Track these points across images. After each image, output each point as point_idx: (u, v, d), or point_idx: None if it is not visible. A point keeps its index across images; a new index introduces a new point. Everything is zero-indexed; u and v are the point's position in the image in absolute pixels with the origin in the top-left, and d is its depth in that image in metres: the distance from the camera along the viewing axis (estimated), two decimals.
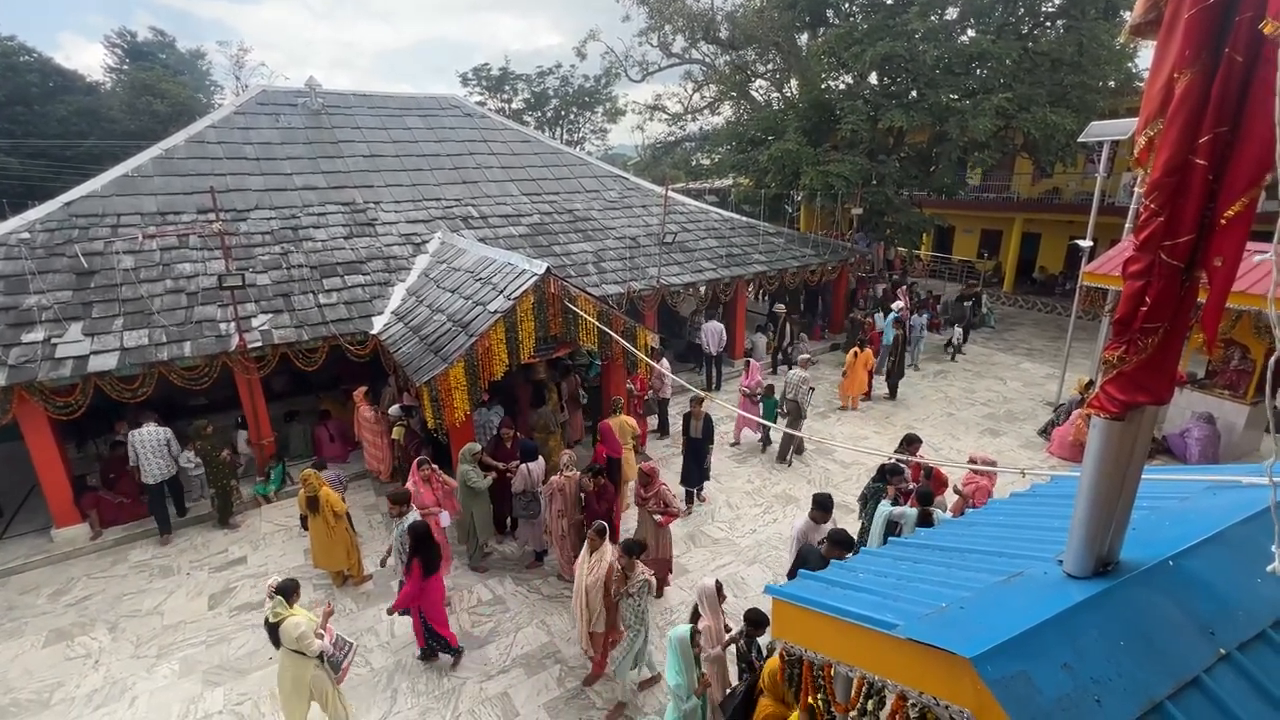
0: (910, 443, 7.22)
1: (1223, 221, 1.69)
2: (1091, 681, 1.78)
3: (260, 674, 6.03)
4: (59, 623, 6.78)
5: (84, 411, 7.73)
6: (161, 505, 8.19)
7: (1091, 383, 10.71)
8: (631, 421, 8.27)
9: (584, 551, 5.55)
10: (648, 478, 6.67)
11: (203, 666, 6.13)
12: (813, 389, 10.39)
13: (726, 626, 4.99)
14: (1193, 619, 2.02)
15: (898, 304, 13.29)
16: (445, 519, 7.02)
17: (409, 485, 6.78)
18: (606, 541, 5.53)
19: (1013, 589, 2.20)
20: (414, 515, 6.05)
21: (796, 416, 10.02)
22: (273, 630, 4.79)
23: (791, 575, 5.78)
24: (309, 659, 4.84)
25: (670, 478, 9.47)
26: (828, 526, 5.89)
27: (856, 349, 11.85)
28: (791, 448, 10.05)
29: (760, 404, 10.16)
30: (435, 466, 7.12)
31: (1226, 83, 1.58)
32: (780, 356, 14.05)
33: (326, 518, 6.82)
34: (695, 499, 8.70)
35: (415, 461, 7.03)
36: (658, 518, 6.60)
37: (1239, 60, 1.55)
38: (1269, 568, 1.79)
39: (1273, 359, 1.48)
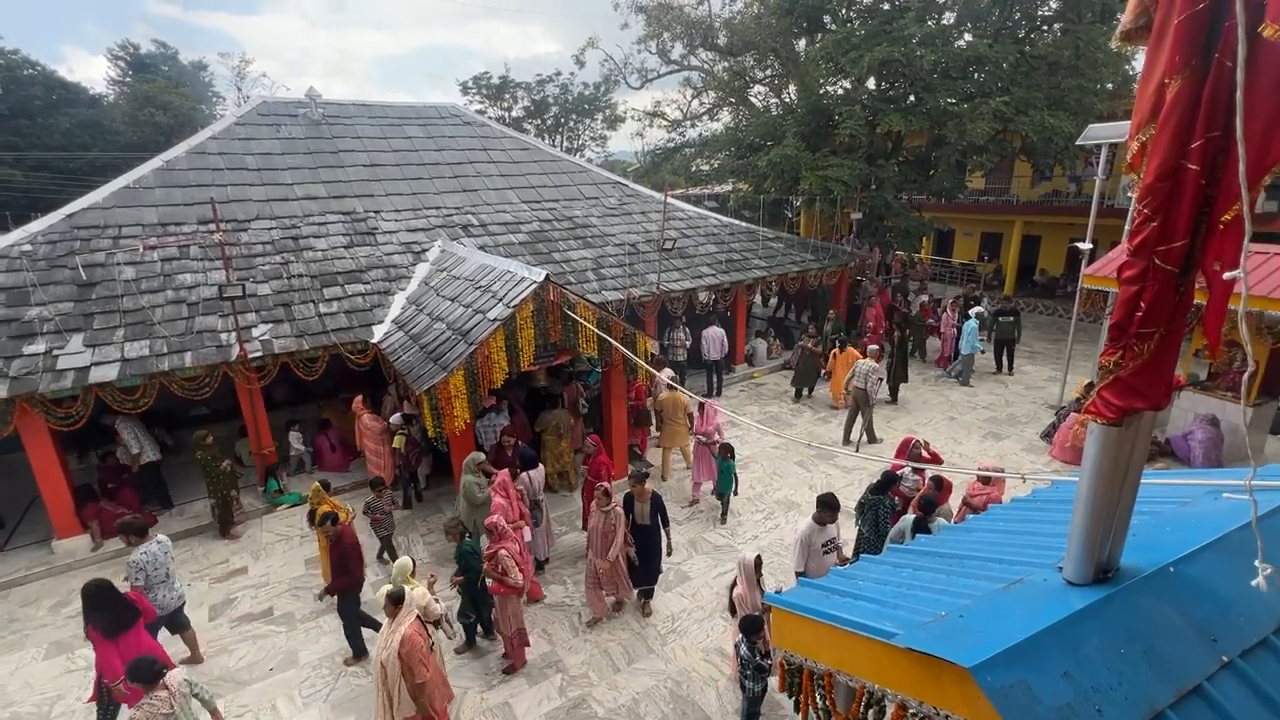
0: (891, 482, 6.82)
1: (1220, 225, 1.69)
2: (1092, 690, 1.77)
3: (261, 685, 6.01)
4: (60, 635, 6.76)
5: (85, 423, 7.74)
6: (161, 482, 8.98)
7: (1093, 384, 10.68)
8: (684, 399, 9.20)
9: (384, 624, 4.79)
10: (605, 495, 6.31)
11: (203, 679, 6.10)
12: (881, 379, 10.89)
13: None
14: (1194, 626, 2.00)
15: (977, 309, 13.41)
16: (526, 534, 6.57)
17: (495, 499, 6.43)
18: (407, 604, 4.72)
19: (1012, 596, 2.19)
20: (140, 550, 5.75)
21: (865, 404, 10.57)
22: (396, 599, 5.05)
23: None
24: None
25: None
26: (833, 528, 5.89)
27: (836, 350, 12.09)
28: (864, 434, 10.67)
29: (716, 461, 8.47)
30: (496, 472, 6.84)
31: (1217, 88, 1.58)
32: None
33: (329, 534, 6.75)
34: (643, 607, 6.83)
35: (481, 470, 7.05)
36: (513, 573, 5.63)
37: (1229, 65, 1.55)
38: (1253, 582, 1.77)
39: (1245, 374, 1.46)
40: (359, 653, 6.19)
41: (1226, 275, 1.64)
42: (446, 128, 15.19)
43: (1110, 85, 16.09)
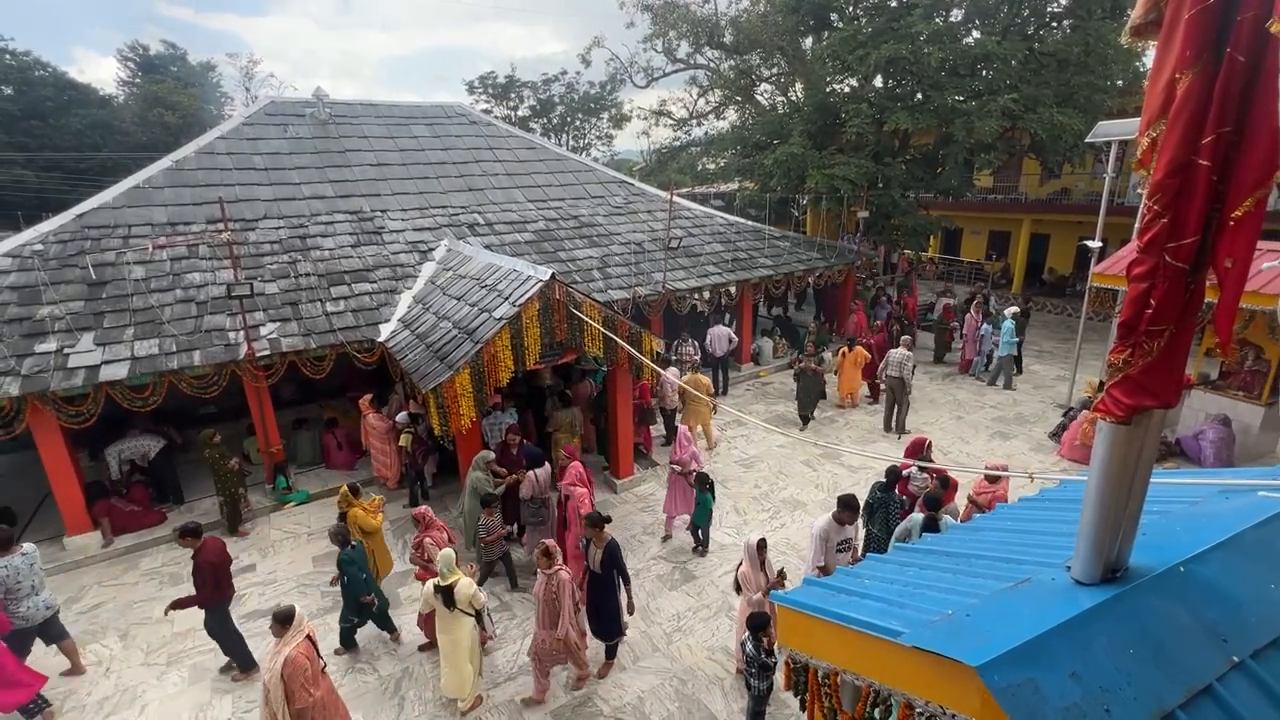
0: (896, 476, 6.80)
1: (1231, 221, 1.67)
2: (1100, 690, 1.75)
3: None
4: (71, 630, 6.79)
5: (95, 420, 7.81)
6: (175, 478, 9.27)
7: (1103, 383, 10.60)
8: (706, 380, 10.17)
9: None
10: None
11: (212, 674, 6.16)
12: (915, 366, 11.24)
13: (781, 574, 5.68)
14: (1205, 626, 1.98)
15: (1011, 309, 13.37)
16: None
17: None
18: (295, 624, 4.64)
19: (1020, 596, 2.17)
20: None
21: (901, 391, 10.89)
22: (447, 593, 5.21)
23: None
24: (471, 618, 5.31)
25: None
26: (851, 528, 5.94)
27: (845, 349, 12.00)
28: (903, 420, 11.14)
29: (694, 492, 7.72)
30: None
31: (1229, 83, 1.56)
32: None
33: (355, 534, 6.77)
34: (602, 670, 6.04)
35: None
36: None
37: (1241, 60, 1.53)
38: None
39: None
40: (245, 665, 6.11)
41: (1265, 266, 1.62)
42: (453, 127, 15.23)
43: (1120, 82, 15.96)
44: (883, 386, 11.39)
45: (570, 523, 6.90)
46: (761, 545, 5.58)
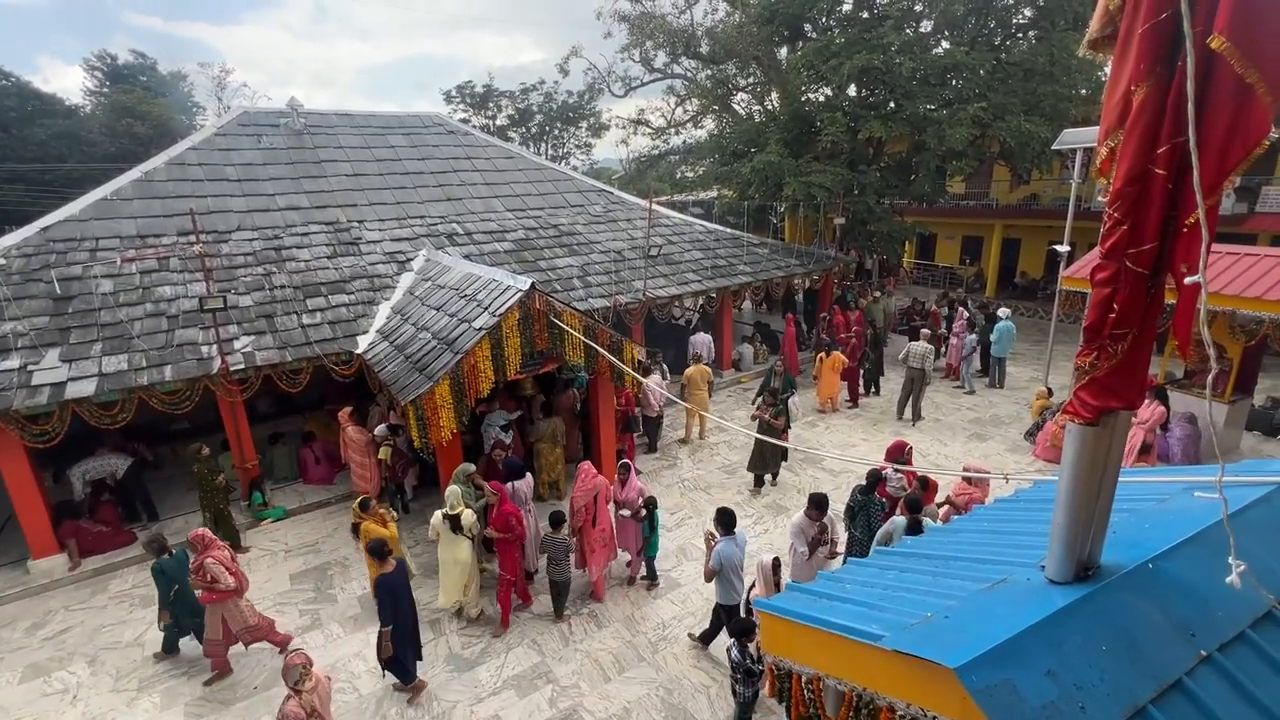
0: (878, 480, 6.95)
1: (1184, 228, 1.73)
2: (1075, 688, 1.79)
3: (245, 704, 5.90)
4: (36, 657, 6.59)
5: (61, 439, 7.58)
6: (147, 496, 9.14)
7: (1050, 391, 11.10)
8: (706, 369, 10.95)
9: None
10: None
11: (185, 699, 5.98)
12: (935, 357, 11.89)
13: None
14: (1174, 621, 2.03)
15: (1004, 310, 13.80)
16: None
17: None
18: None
19: (996, 596, 2.21)
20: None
21: (921, 382, 11.59)
22: (454, 520, 6.43)
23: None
24: (469, 541, 6.54)
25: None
26: (826, 523, 6.15)
27: (823, 354, 12.17)
28: (919, 408, 11.78)
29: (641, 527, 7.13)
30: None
31: (1181, 95, 1.62)
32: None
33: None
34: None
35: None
36: (223, 579, 5.89)
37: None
38: (1227, 580, 1.81)
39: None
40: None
41: (1187, 280, 1.68)
42: (430, 136, 15.15)
43: (1084, 91, 16.44)
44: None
45: (599, 516, 6.96)
46: (776, 565, 5.52)
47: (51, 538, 7.87)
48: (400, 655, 5.64)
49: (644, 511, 7.04)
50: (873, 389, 13.40)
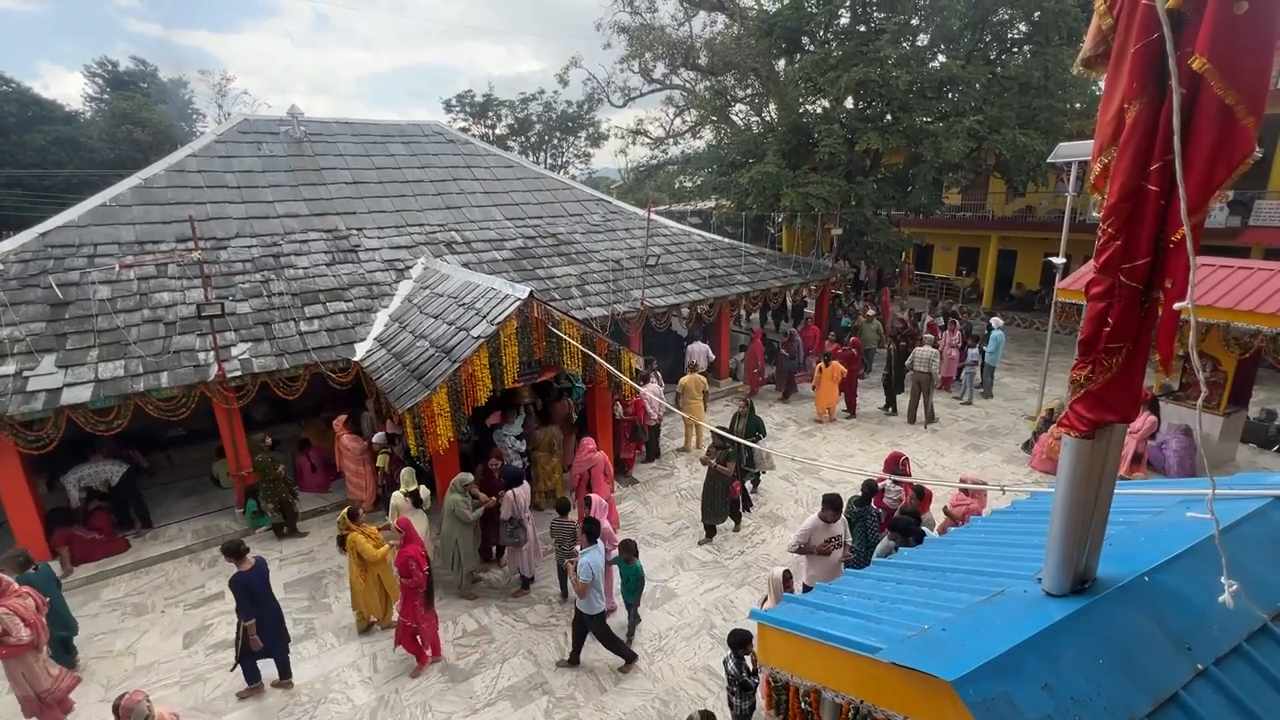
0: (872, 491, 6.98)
1: (1171, 244, 1.76)
2: (1072, 701, 1.79)
3: (237, 714, 5.83)
4: None
5: (56, 445, 7.54)
6: (141, 502, 8.98)
7: (1052, 412, 10.97)
8: (702, 379, 11.05)
9: None
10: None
11: (176, 709, 5.91)
12: (941, 361, 12.14)
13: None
14: (1170, 635, 2.04)
15: (997, 320, 13.98)
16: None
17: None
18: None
19: (993, 609, 2.21)
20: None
21: (929, 385, 11.88)
22: (415, 496, 7.14)
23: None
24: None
25: (649, 515, 9.41)
26: (837, 525, 6.12)
27: (822, 364, 12.13)
28: (930, 409, 12.03)
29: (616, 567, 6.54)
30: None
31: (1172, 113, 1.64)
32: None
33: (353, 561, 6.55)
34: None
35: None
36: (16, 631, 4.97)
37: (1183, 92, 1.62)
38: (1220, 599, 1.81)
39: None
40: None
41: (1175, 306, 1.69)
42: (430, 145, 15.21)
43: (1078, 105, 16.62)
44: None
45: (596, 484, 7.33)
46: (787, 577, 5.45)
47: (44, 545, 7.80)
48: (259, 654, 5.78)
49: (612, 548, 6.53)
50: (891, 408, 12.82)
